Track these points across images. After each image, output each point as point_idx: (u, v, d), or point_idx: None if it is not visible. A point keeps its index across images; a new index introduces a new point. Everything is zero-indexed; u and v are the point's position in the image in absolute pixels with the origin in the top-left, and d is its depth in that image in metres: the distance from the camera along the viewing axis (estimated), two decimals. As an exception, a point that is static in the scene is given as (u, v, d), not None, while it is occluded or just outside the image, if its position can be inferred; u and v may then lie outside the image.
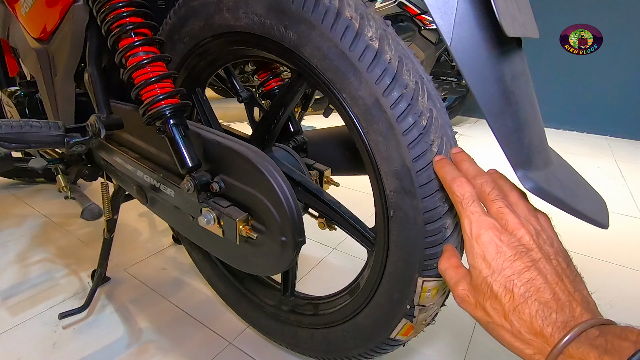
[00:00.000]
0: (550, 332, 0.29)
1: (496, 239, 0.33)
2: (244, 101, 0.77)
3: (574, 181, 0.39)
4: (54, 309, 0.91)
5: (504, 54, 0.34)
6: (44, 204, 1.45)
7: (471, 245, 0.34)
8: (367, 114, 0.44)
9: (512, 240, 0.33)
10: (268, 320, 0.76)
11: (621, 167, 2.21)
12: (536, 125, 0.36)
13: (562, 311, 0.30)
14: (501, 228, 0.33)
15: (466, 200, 0.36)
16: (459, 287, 0.36)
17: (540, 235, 0.34)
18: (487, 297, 0.33)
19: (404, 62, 0.42)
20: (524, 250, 0.32)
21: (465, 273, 0.36)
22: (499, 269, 0.32)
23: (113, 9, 0.52)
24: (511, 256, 0.32)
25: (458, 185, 0.37)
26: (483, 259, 0.33)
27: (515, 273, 0.32)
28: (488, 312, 0.33)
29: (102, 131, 0.60)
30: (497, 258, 0.32)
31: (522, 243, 0.33)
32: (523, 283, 0.31)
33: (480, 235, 0.33)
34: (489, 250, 0.33)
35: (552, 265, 0.32)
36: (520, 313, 0.31)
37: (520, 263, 0.32)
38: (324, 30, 0.44)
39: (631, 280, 1.13)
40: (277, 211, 0.51)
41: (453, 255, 0.40)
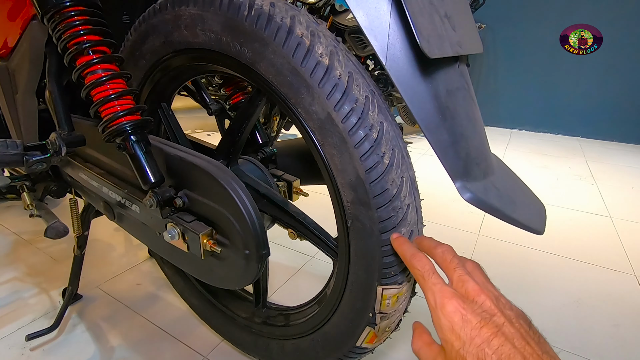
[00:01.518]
0: None
1: (460, 308, 0.34)
2: (214, 113, 0.77)
3: (514, 189, 0.41)
4: (21, 330, 0.88)
5: (437, 71, 0.36)
6: (14, 220, 1.41)
7: (438, 317, 0.35)
8: (321, 128, 0.45)
9: (475, 307, 0.34)
10: (241, 332, 0.75)
11: (591, 167, 2.29)
12: (475, 138, 0.38)
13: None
14: (463, 296, 0.35)
15: (427, 273, 0.37)
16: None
17: (500, 300, 0.35)
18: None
19: (354, 77, 0.43)
20: (487, 317, 0.33)
21: (439, 350, 0.37)
22: (468, 339, 0.32)
23: (69, 27, 0.52)
24: (477, 323, 0.33)
25: (418, 260, 0.39)
26: (451, 331, 0.34)
27: (484, 341, 0.32)
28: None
29: (62, 149, 0.59)
30: (465, 327, 0.33)
31: (485, 309, 0.34)
32: (494, 351, 0.31)
33: (444, 306, 0.34)
34: (455, 321, 0.33)
35: (516, 329, 0.33)
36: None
37: (486, 330, 0.32)
38: (277, 47, 0.45)
39: (598, 277, 1.17)
40: (240, 225, 0.51)
41: (424, 332, 0.40)
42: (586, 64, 2.98)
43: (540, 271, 1.20)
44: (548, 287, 1.12)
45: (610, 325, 0.96)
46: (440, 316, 0.34)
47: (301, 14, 0.46)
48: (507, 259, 1.26)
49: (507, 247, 1.32)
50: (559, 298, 1.06)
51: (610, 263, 1.25)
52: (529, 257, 1.27)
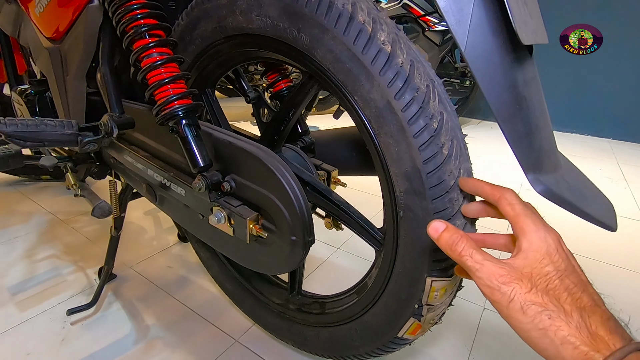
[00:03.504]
0: (617, 339, 0.30)
1: (564, 246, 0.35)
2: (252, 101, 0.78)
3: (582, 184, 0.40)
4: (61, 305, 0.92)
5: (516, 60, 0.35)
6: (50, 201, 1.46)
7: (539, 237, 0.34)
8: (378, 116, 0.45)
9: (573, 257, 0.35)
10: (274, 318, 0.77)
11: (623, 170, 2.21)
12: (546, 130, 0.37)
13: (625, 330, 0.31)
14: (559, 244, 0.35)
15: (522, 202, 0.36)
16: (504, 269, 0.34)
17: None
18: (551, 288, 0.32)
19: (416, 66, 0.43)
20: (579, 270, 0.34)
21: (500, 259, 0.35)
22: (569, 270, 0.33)
23: (128, 11, 0.53)
24: (577, 267, 0.34)
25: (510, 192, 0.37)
26: (554, 253, 0.34)
27: (582, 282, 0.33)
28: (548, 301, 0.32)
29: (114, 130, 0.60)
30: (567, 260, 0.34)
31: (573, 264, 0.35)
32: (590, 293, 0.33)
33: (550, 231, 0.34)
34: (560, 250, 0.34)
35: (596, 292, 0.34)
36: (591, 314, 0.31)
37: (584, 277, 0.34)
38: (337, 33, 0.45)
39: (631, 283, 1.14)
40: (288, 211, 0.51)
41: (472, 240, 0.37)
42: (618, 65, 2.87)
43: (571, 273, 1.17)
44: (580, 290, 1.09)
45: (646, 332, 0.93)
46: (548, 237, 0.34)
47: (362, 1, 0.45)
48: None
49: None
50: (592, 301, 1.03)
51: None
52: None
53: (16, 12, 0.81)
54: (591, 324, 0.30)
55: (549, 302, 0.32)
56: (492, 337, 0.86)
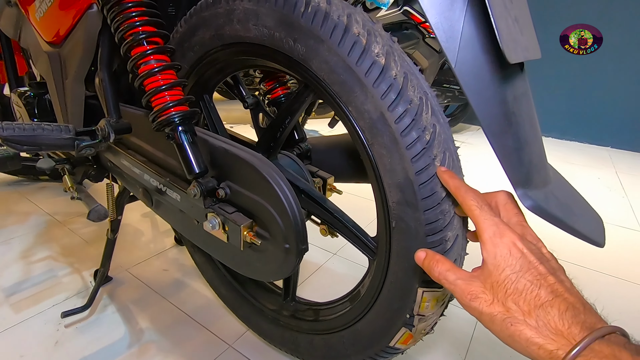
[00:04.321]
0: (577, 331, 0.30)
1: (518, 243, 0.35)
2: (250, 107, 0.78)
3: (572, 199, 0.40)
4: (56, 307, 0.92)
5: (506, 77, 0.35)
6: (48, 201, 1.46)
7: (494, 243, 0.35)
8: (372, 127, 0.45)
9: (534, 247, 0.35)
10: (268, 324, 0.77)
11: (622, 179, 2.21)
12: (536, 145, 0.37)
13: (589, 314, 0.31)
14: (521, 235, 0.36)
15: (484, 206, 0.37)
16: (471, 285, 0.35)
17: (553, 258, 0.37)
18: (509, 294, 0.33)
19: (409, 78, 0.43)
20: (545, 259, 0.35)
21: (471, 275, 0.37)
22: (525, 268, 0.34)
23: (127, 18, 0.53)
24: (534, 261, 0.34)
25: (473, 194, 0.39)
26: (506, 257, 0.34)
27: (540, 275, 0.33)
28: (508, 307, 0.33)
29: (111, 135, 0.61)
30: (521, 259, 0.34)
31: (542, 252, 0.35)
32: (550, 284, 0.33)
33: (504, 235, 0.35)
34: (513, 251, 0.34)
35: (568, 279, 0.34)
36: (548, 309, 0.32)
37: (543, 268, 0.34)
38: (332, 45, 0.45)
39: (628, 293, 1.14)
40: (281, 219, 0.52)
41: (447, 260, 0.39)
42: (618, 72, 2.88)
43: (567, 283, 1.17)
44: (575, 299, 1.09)
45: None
46: (498, 243, 0.35)
47: (357, 13, 0.46)
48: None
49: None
50: (587, 311, 1.03)
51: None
52: (555, 268, 1.24)
53: (17, 15, 0.82)
54: (550, 320, 0.31)
55: (509, 309, 0.33)
56: (487, 346, 0.86)
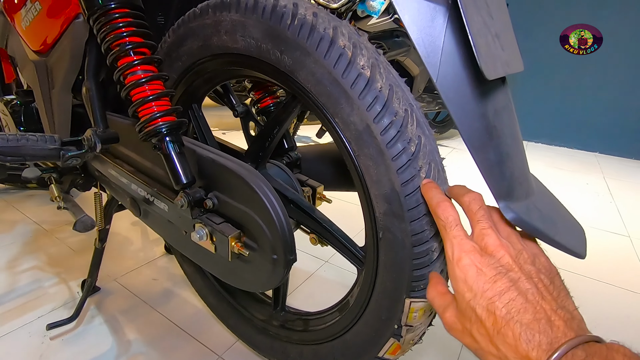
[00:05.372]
0: (535, 355, 0.28)
1: (477, 262, 0.33)
2: (240, 116, 0.78)
3: (554, 210, 0.40)
4: (42, 319, 0.90)
5: (487, 91, 0.36)
6: (36, 210, 1.44)
7: (453, 269, 0.35)
8: (358, 138, 0.45)
9: (492, 261, 0.33)
10: (258, 334, 0.76)
11: (609, 184, 2.25)
12: (518, 157, 0.38)
13: (546, 332, 0.29)
14: (481, 250, 0.34)
15: (449, 224, 0.36)
16: (446, 314, 0.36)
17: (521, 254, 0.34)
18: (472, 322, 0.33)
19: (395, 90, 0.44)
20: (503, 271, 0.33)
21: (452, 299, 0.36)
22: (480, 292, 0.32)
23: (113, 29, 0.53)
24: (491, 277, 0.32)
25: (443, 210, 0.38)
26: (465, 282, 0.33)
27: (496, 294, 0.31)
28: (475, 337, 0.33)
29: (97, 145, 0.60)
30: (478, 280, 0.33)
31: (502, 264, 0.33)
32: (504, 304, 0.31)
33: (461, 259, 0.34)
34: (469, 273, 0.33)
35: (533, 283, 0.32)
36: (504, 336, 0.30)
37: (500, 284, 0.32)
38: (318, 57, 0.45)
39: (616, 298, 1.15)
40: (269, 229, 0.51)
41: (439, 283, 0.40)
42: (607, 79, 2.93)
43: (557, 288, 1.18)
44: (564, 305, 1.10)
45: (628, 348, 0.94)
46: (455, 268, 0.34)
47: (343, 25, 0.46)
48: (523, 274, 1.24)
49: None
50: (576, 317, 1.04)
51: (628, 284, 1.22)
52: (545, 274, 1.25)
53: (3, 23, 0.81)
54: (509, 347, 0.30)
55: (476, 339, 0.33)
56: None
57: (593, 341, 0.29)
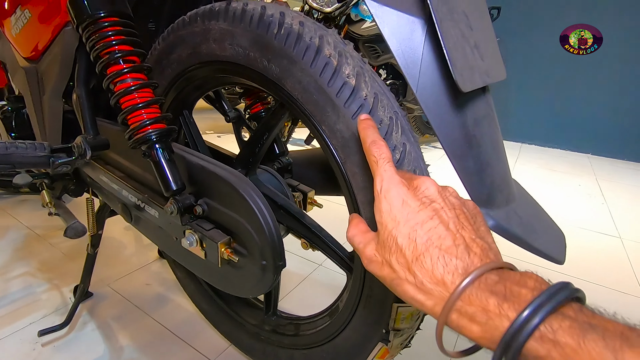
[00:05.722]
0: (450, 279, 0.29)
1: (403, 194, 0.34)
2: (232, 121, 0.79)
3: (535, 217, 0.41)
4: (33, 326, 0.90)
5: (467, 101, 0.36)
6: (28, 215, 1.43)
7: (380, 202, 0.34)
8: (344, 146, 0.46)
9: (418, 193, 0.34)
10: (250, 339, 0.76)
11: (601, 186, 2.27)
12: (498, 165, 0.39)
13: (462, 257, 0.29)
14: (408, 184, 0.34)
15: (382, 160, 0.36)
16: (367, 249, 0.35)
17: (447, 189, 0.35)
18: (392, 252, 0.33)
19: (380, 98, 0.44)
20: (427, 202, 0.33)
21: (374, 236, 0.36)
22: (404, 221, 0.32)
23: (102, 37, 0.53)
24: (415, 207, 0.33)
25: (377, 147, 0.37)
26: (389, 213, 0.33)
27: (418, 223, 0.32)
28: (393, 267, 0.32)
29: (88, 152, 0.60)
30: (402, 210, 0.33)
31: (426, 195, 0.33)
32: (425, 232, 0.31)
33: (389, 190, 0.34)
34: (394, 204, 0.33)
35: (455, 214, 0.32)
36: (423, 262, 0.30)
37: (423, 213, 0.32)
38: (305, 66, 0.46)
39: (607, 299, 1.16)
40: (258, 235, 0.52)
41: (360, 222, 0.40)
42: (599, 80, 2.97)
43: (548, 290, 1.19)
44: (556, 306, 1.11)
45: (618, 349, 0.95)
46: (382, 200, 0.34)
47: (329, 34, 0.47)
48: (515, 276, 1.25)
49: (515, 263, 1.31)
50: (567, 318, 1.05)
51: (619, 285, 1.24)
52: (536, 275, 1.26)
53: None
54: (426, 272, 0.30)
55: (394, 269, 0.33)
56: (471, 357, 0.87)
57: (507, 268, 0.30)
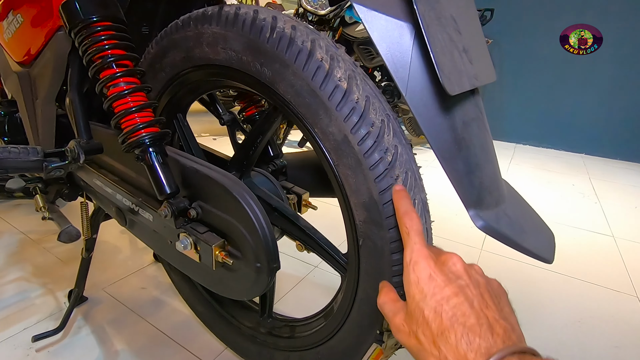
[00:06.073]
0: (473, 357, 0.30)
1: (431, 267, 0.35)
2: (226, 124, 0.79)
3: (525, 217, 0.42)
4: (27, 331, 0.89)
5: (455, 104, 0.37)
6: (22, 219, 1.42)
7: (408, 273, 0.36)
8: (337, 148, 0.46)
9: (444, 268, 0.36)
10: (245, 342, 0.76)
11: (595, 185, 2.30)
12: (488, 167, 0.39)
13: (485, 337, 0.30)
14: (436, 257, 0.36)
15: (413, 231, 0.38)
16: (396, 318, 0.37)
17: (473, 267, 0.37)
18: (419, 324, 0.34)
19: (371, 101, 0.45)
20: (453, 277, 0.35)
21: (402, 306, 0.38)
22: (430, 294, 0.34)
23: (95, 42, 0.53)
24: (442, 282, 0.34)
25: (409, 218, 0.39)
26: (417, 284, 0.35)
27: (444, 298, 0.33)
28: (419, 338, 0.34)
29: (81, 156, 0.60)
30: (429, 284, 0.34)
31: (453, 270, 0.35)
32: (450, 307, 0.32)
33: (417, 263, 0.36)
34: (422, 277, 0.35)
35: (480, 292, 0.34)
36: (447, 338, 0.31)
37: (449, 289, 0.34)
38: (297, 69, 0.46)
39: (600, 297, 1.17)
40: (252, 238, 0.52)
41: (390, 291, 0.42)
42: (592, 80, 3.00)
43: (543, 289, 1.20)
44: (550, 305, 1.12)
45: (611, 347, 0.96)
46: (411, 272, 0.36)
47: (321, 38, 0.47)
48: (510, 276, 1.26)
49: (510, 263, 1.33)
50: (561, 317, 1.06)
51: (612, 283, 1.25)
52: (531, 274, 1.27)
53: (-14, 34, 0.81)
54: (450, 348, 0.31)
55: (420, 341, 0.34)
56: None
57: (530, 353, 0.30)
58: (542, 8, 3.05)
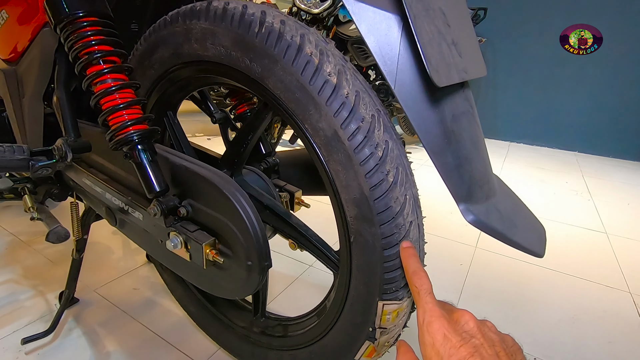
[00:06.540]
0: None
1: (444, 327, 0.36)
2: (218, 122, 0.78)
3: (515, 211, 0.42)
4: (17, 333, 0.88)
5: (444, 97, 0.37)
6: (12, 221, 1.40)
7: (423, 333, 0.37)
8: (327, 144, 0.46)
9: (458, 327, 0.36)
10: (239, 341, 0.75)
11: (588, 183, 2.31)
12: (478, 161, 0.39)
13: None
14: (448, 316, 0.37)
15: (423, 291, 0.39)
16: None
17: (485, 324, 0.37)
18: None
19: (361, 96, 0.44)
20: (467, 337, 0.35)
21: None
22: (446, 356, 0.34)
23: (81, 37, 0.53)
24: (457, 342, 0.34)
25: (418, 278, 0.41)
26: (432, 346, 0.35)
27: (460, 359, 0.33)
28: None
29: (68, 155, 0.59)
30: (445, 345, 0.35)
31: (466, 330, 0.36)
32: None
33: (431, 323, 0.36)
34: (437, 338, 0.35)
35: (495, 351, 0.34)
36: None
37: (464, 349, 0.34)
38: (286, 64, 0.46)
39: (594, 294, 1.18)
40: (243, 236, 0.51)
41: (408, 350, 0.42)
42: (585, 79, 3.02)
43: (537, 286, 1.21)
44: (544, 302, 1.12)
45: (605, 343, 0.97)
46: (425, 333, 0.36)
47: (311, 33, 0.47)
48: (504, 273, 1.27)
49: (504, 260, 1.33)
50: (555, 314, 1.07)
51: (605, 280, 1.26)
52: (525, 272, 1.28)
53: (-28, 32, 0.79)
54: None
55: None
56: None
57: None
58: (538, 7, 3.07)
